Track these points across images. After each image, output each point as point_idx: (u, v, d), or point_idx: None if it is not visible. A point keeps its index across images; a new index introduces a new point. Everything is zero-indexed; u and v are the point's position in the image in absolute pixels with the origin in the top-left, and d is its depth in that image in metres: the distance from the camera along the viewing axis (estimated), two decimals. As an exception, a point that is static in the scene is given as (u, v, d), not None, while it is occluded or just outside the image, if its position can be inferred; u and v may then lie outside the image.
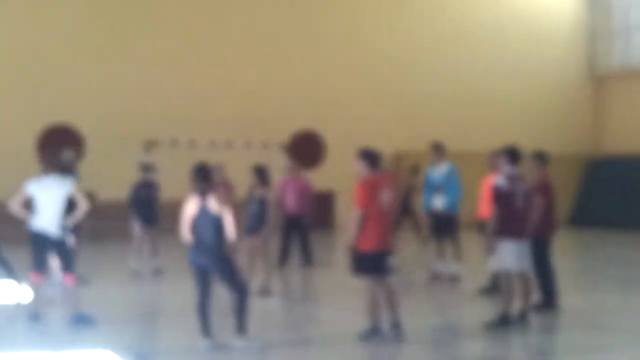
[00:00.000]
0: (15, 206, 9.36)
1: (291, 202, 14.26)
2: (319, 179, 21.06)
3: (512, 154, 9.30)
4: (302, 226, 14.40)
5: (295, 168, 14.72)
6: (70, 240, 9.68)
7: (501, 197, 9.05)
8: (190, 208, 8.03)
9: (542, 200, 9.81)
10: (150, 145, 20.07)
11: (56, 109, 20.19)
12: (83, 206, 9.41)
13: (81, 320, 9.10)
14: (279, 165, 16.48)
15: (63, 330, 8.98)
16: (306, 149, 22.92)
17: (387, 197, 8.44)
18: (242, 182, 12.80)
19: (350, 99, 23.59)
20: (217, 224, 7.97)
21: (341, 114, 23.32)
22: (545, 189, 10.08)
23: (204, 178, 8.02)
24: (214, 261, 7.92)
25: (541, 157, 10.42)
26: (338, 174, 21.94)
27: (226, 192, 14.18)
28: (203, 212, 7.94)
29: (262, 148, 21.62)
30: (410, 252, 16.23)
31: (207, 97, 21.70)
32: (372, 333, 8.47)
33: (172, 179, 18.71)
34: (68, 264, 9.23)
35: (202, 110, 21.54)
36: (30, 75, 20.03)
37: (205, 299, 8.05)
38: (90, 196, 10.00)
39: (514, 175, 9.18)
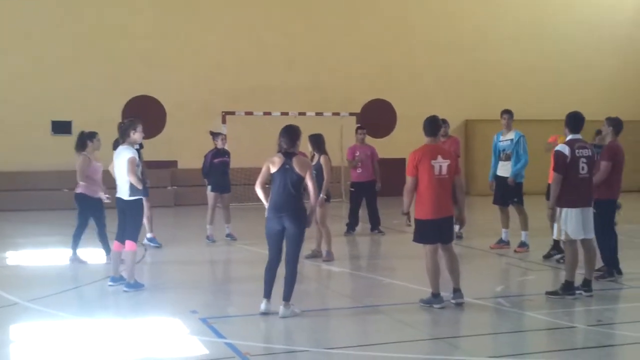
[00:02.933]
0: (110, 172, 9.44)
1: (360, 168, 14.00)
2: (390, 146, 20.67)
3: (575, 120, 8.72)
4: (370, 192, 14.11)
5: (363, 135, 14.41)
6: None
7: (563, 164, 8.49)
8: (273, 166, 7.76)
9: (606, 163, 9.21)
10: (226, 116, 19.98)
11: (140, 83, 20.41)
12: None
13: (131, 287, 9.01)
14: (350, 134, 16.16)
15: (128, 295, 8.90)
16: (377, 117, 22.50)
17: (442, 164, 8.04)
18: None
19: (420, 67, 23.07)
20: (298, 184, 7.70)
21: (411, 83, 22.81)
22: (614, 154, 9.42)
23: (291, 138, 7.75)
24: (293, 221, 7.64)
25: (614, 122, 9.69)
26: (409, 142, 21.41)
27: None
28: (285, 171, 7.67)
29: (334, 117, 21.29)
30: (473, 219, 15.75)
31: (280, 69, 21.50)
32: (433, 299, 8.12)
33: (247, 148, 18.72)
34: (130, 230, 9.08)
35: (275, 82, 21.36)
36: (118, 52, 20.25)
37: (277, 261, 7.79)
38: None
39: (576, 141, 8.61)
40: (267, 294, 7.77)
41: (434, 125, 8.28)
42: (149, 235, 12.41)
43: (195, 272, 10.73)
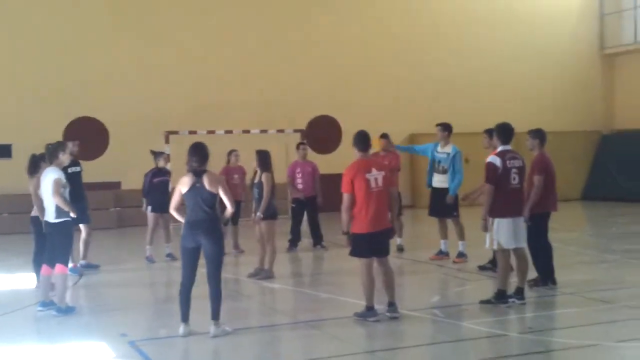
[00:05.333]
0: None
1: (302, 184, 13.95)
2: (336, 162, 20.64)
3: (505, 131, 8.77)
4: (312, 208, 14.05)
5: (304, 152, 14.37)
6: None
7: (494, 175, 8.52)
8: (184, 186, 7.61)
9: (538, 177, 9.28)
10: (170, 135, 19.74)
11: (82, 102, 20.04)
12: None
13: (62, 312, 8.76)
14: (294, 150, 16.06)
15: (58, 320, 8.65)
16: (323, 133, 22.47)
17: (377, 176, 8.00)
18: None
19: (364, 82, 23.09)
20: (211, 201, 7.57)
21: (355, 99, 22.83)
22: (543, 166, 9.51)
23: (201, 156, 7.62)
24: (209, 238, 7.50)
25: (538, 134, 9.76)
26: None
27: (241, 176, 13.97)
28: (196, 190, 7.53)
29: (279, 134, 21.20)
30: (416, 231, 15.77)
31: (226, 87, 21.36)
32: (367, 312, 8.04)
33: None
34: (59, 253, 8.85)
35: (220, 99, 21.21)
36: (59, 72, 19.88)
37: (191, 282, 7.65)
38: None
39: (507, 152, 8.65)
40: (185, 317, 7.62)
41: (364, 140, 8.24)
42: (82, 262, 12.07)
43: (131, 294, 10.50)
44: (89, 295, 10.60)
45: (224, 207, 7.78)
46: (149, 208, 13.05)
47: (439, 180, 12.13)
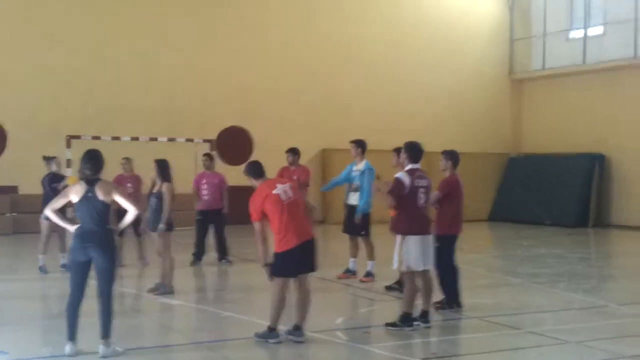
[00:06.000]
0: None
1: (207, 196, 13.52)
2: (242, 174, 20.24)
3: (414, 150, 8.60)
4: (218, 220, 13.62)
5: (210, 162, 13.94)
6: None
7: (398, 192, 8.32)
8: (75, 195, 7.09)
9: (437, 193, 9.15)
10: (72, 140, 18.90)
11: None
12: None
13: None
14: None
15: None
16: (234, 144, 21.99)
17: (284, 188, 7.68)
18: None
19: (278, 94, 22.85)
20: (104, 212, 7.08)
21: (269, 110, 22.56)
22: (450, 188, 9.39)
23: (94, 164, 7.14)
24: (100, 251, 7.00)
25: (451, 156, 9.64)
26: (267, 169, 21.10)
27: (136, 185, 13.40)
28: (88, 199, 7.03)
29: (188, 143, 20.65)
30: (326, 248, 15.52)
31: (132, 91, 20.71)
32: (269, 333, 7.67)
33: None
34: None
35: (126, 104, 20.53)
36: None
37: (80, 298, 7.12)
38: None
39: (415, 171, 8.48)
40: (72, 335, 7.08)
41: (257, 169, 7.93)
42: None
43: (19, 307, 9.83)
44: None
45: (121, 216, 7.33)
46: (43, 215, 12.30)
47: (353, 198, 11.91)
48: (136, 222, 10.57)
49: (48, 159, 12.79)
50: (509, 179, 25.60)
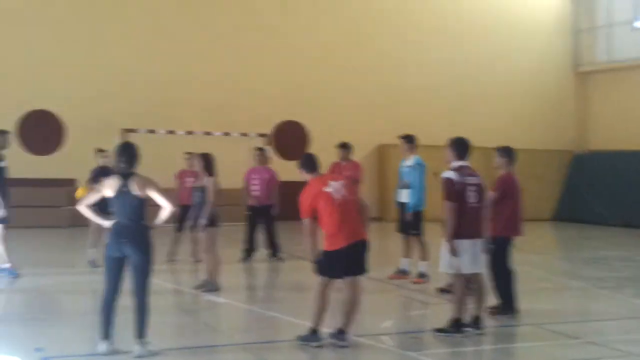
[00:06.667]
0: None
1: (257, 191, 13.28)
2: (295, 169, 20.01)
3: (461, 146, 8.15)
4: (267, 217, 13.37)
5: (262, 157, 13.70)
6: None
7: (453, 191, 7.89)
8: (110, 190, 6.90)
9: (492, 193, 8.68)
10: (127, 133, 18.96)
11: (38, 97, 19.26)
12: None
13: None
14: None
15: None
16: (290, 139, 21.80)
17: (336, 186, 7.35)
18: (219, 171, 11.44)
19: (335, 90, 22.52)
20: (140, 207, 6.87)
21: (324, 105, 22.24)
22: (506, 187, 8.91)
23: (130, 157, 6.93)
24: (135, 247, 6.81)
25: (507, 152, 9.15)
26: (321, 164, 20.85)
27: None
28: (123, 195, 6.83)
29: (241, 137, 20.52)
30: (380, 247, 15.10)
31: (188, 87, 20.66)
32: (311, 336, 7.36)
33: (150, 168, 17.73)
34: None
35: (182, 99, 20.49)
36: (14, 63, 19.07)
37: (115, 295, 6.94)
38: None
39: (463, 168, 8.03)
40: (105, 334, 6.89)
41: (311, 163, 7.61)
42: (7, 265, 11.10)
43: (63, 302, 9.80)
44: (15, 300, 9.81)
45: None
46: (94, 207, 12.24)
47: (403, 195, 11.52)
48: (196, 216, 10.38)
49: (99, 152, 12.75)
50: (574, 177, 24.71)
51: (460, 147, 8.14)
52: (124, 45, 20.15)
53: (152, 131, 19.22)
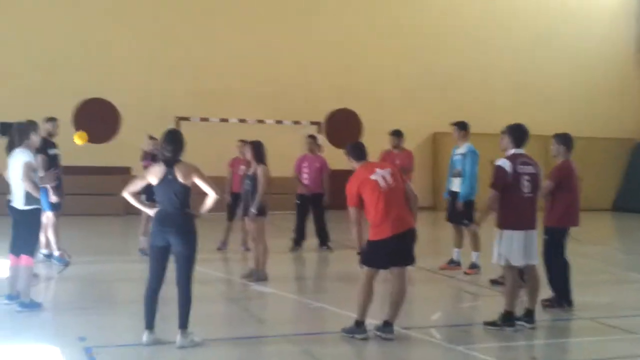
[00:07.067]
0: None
1: (307, 180, 13.13)
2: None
3: (520, 133, 7.83)
4: (317, 206, 13.20)
5: (313, 145, 13.52)
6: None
7: (502, 181, 7.60)
8: (154, 177, 6.80)
9: (549, 183, 8.35)
10: (181, 121, 19.01)
11: (93, 85, 19.44)
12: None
13: (25, 307, 8.04)
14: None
15: (23, 316, 7.91)
16: (343, 127, 21.58)
17: (384, 174, 7.13)
18: (271, 160, 11.30)
19: (389, 77, 22.19)
20: (184, 195, 6.76)
21: (377, 93, 21.94)
22: (562, 175, 8.56)
23: (176, 145, 6.80)
24: (179, 237, 6.70)
25: (564, 140, 8.78)
26: (374, 153, 20.50)
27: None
28: (168, 182, 6.73)
29: (293, 125, 20.39)
30: (432, 236, 14.85)
31: (241, 75, 20.58)
32: (356, 328, 7.17)
33: (203, 156, 17.77)
34: (26, 243, 8.11)
35: (234, 87, 20.43)
36: (71, 52, 19.28)
37: (159, 284, 6.85)
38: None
39: (519, 156, 7.71)
40: (150, 324, 6.80)
41: (359, 151, 7.41)
42: (56, 253, 11.14)
43: (110, 291, 9.79)
44: (63, 288, 9.86)
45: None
46: (144, 196, 12.23)
47: (456, 184, 11.23)
48: (246, 204, 10.26)
49: (150, 139, 12.71)
50: (635, 166, 23.90)
51: (518, 133, 7.83)
52: (179, 34, 20.17)
53: (205, 119, 19.22)
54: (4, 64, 18.92)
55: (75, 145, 11.06)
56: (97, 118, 19.43)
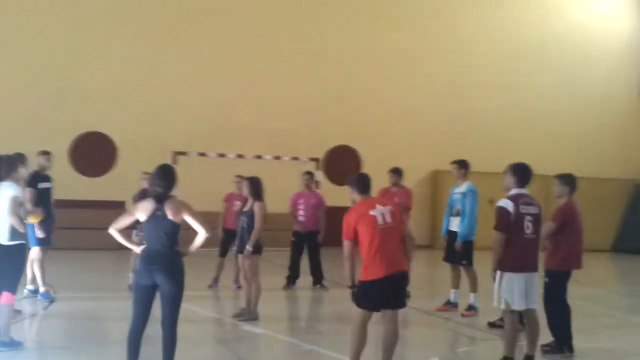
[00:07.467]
0: None
1: (303, 217, 12.85)
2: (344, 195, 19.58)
3: (524, 172, 7.57)
4: (313, 243, 12.91)
5: (310, 181, 13.27)
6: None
7: (506, 222, 7.31)
8: (143, 213, 6.51)
9: (551, 224, 8.07)
10: (178, 156, 18.79)
11: (90, 118, 19.27)
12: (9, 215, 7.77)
13: (5, 347, 7.69)
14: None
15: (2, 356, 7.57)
16: (342, 164, 21.35)
17: (383, 212, 6.84)
18: (269, 196, 11.02)
19: (389, 115, 22.05)
20: (174, 233, 6.47)
21: (377, 130, 21.76)
22: (566, 217, 8.28)
23: (168, 180, 6.50)
24: (167, 276, 6.41)
25: (568, 180, 8.51)
26: (374, 189, 20.29)
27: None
28: (156, 218, 6.44)
29: (292, 161, 20.17)
30: (429, 277, 14.51)
31: (240, 110, 20.42)
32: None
33: (199, 190, 17.55)
34: (8, 280, 7.80)
35: (232, 122, 20.26)
36: (68, 84, 19.12)
37: (143, 325, 6.53)
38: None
39: (521, 196, 7.44)
40: None
41: (363, 184, 7.12)
42: (42, 289, 10.77)
43: (93, 329, 9.40)
44: (45, 326, 9.53)
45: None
46: (135, 232, 11.95)
47: (455, 223, 10.94)
48: (242, 241, 9.96)
49: (145, 175, 12.45)
50: (637, 207, 23.63)
51: (523, 173, 7.57)
52: (177, 68, 20.04)
53: (202, 154, 19.01)
54: (1, 95, 18.75)
55: (71, 178, 10.86)
56: (94, 151, 19.24)
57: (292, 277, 12.90)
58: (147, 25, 20.00)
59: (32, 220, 8.38)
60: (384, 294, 6.77)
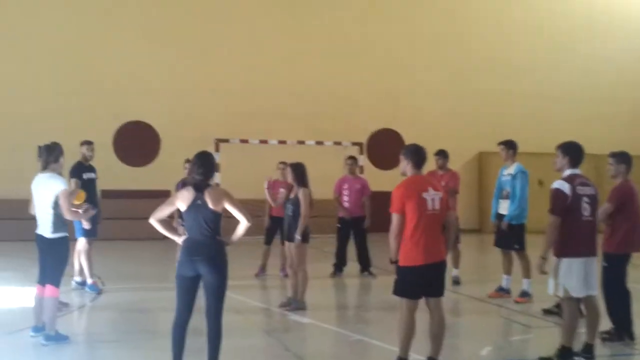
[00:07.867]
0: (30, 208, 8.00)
1: (348, 202, 12.60)
2: (397, 179, 19.25)
3: (577, 151, 7.18)
4: (359, 230, 12.65)
5: (353, 166, 13.00)
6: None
7: (562, 205, 6.94)
8: (182, 202, 6.33)
9: (608, 205, 7.68)
10: (220, 143, 18.69)
11: (132, 108, 19.27)
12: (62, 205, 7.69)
13: (51, 340, 7.62)
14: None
15: (48, 349, 7.49)
16: (385, 148, 21.02)
17: (434, 197, 6.53)
18: (312, 182, 10.79)
19: (432, 96, 21.63)
20: (215, 222, 6.28)
21: (420, 113, 21.38)
22: (623, 196, 7.88)
23: (208, 168, 6.34)
24: (210, 266, 6.22)
25: (624, 158, 8.10)
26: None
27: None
28: (197, 207, 6.26)
29: (334, 146, 19.92)
30: (479, 262, 14.15)
31: (280, 96, 20.22)
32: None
33: (242, 178, 17.47)
34: (52, 272, 7.71)
35: (273, 108, 20.07)
36: (109, 74, 19.14)
37: (187, 316, 6.36)
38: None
39: (576, 177, 7.07)
40: (177, 358, 6.30)
41: (419, 157, 6.73)
42: (89, 281, 10.75)
43: (144, 321, 9.32)
44: (94, 319, 9.47)
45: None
46: (178, 220, 11.84)
47: (504, 206, 10.57)
48: (289, 229, 9.75)
49: (187, 163, 12.33)
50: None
51: (574, 152, 7.16)
52: (218, 56, 19.94)
53: (245, 141, 18.88)
54: (43, 87, 18.82)
55: (114, 168, 10.80)
56: (137, 141, 19.25)
57: (339, 265, 12.68)
58: (186, 12, 19.89)
59: (77, 202, 8.30)
60: (421, 281, 6.47)
